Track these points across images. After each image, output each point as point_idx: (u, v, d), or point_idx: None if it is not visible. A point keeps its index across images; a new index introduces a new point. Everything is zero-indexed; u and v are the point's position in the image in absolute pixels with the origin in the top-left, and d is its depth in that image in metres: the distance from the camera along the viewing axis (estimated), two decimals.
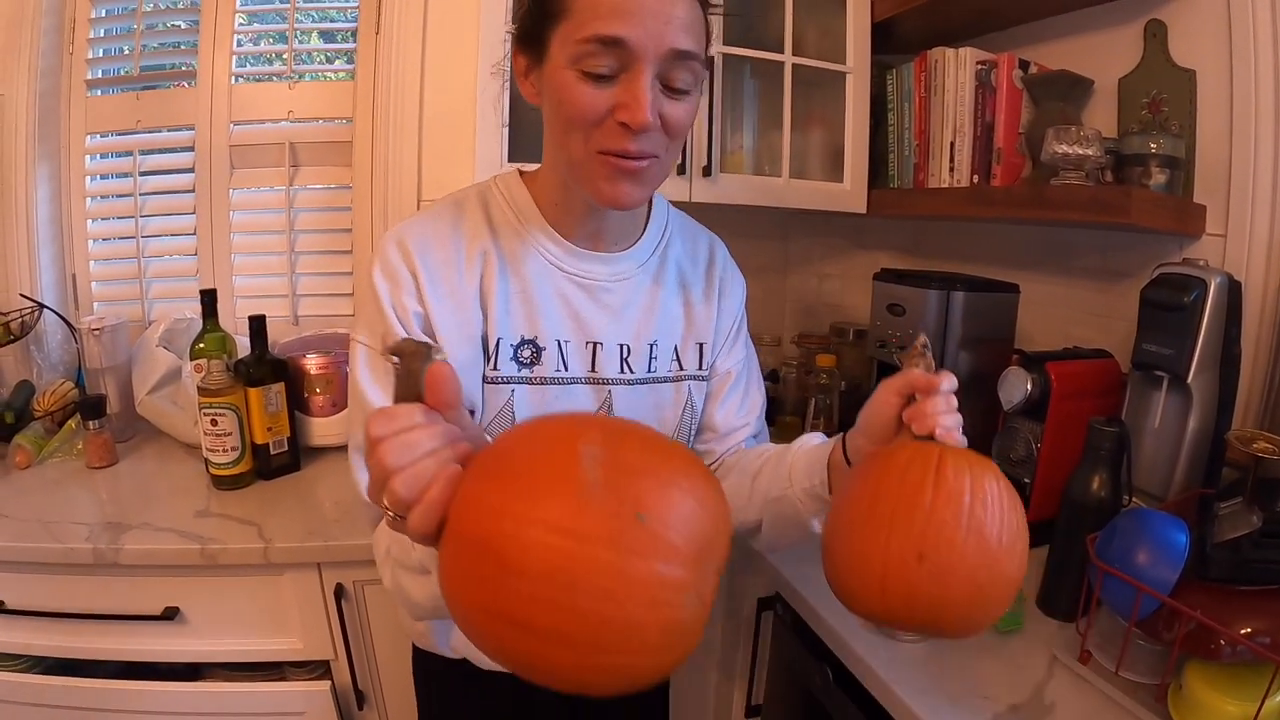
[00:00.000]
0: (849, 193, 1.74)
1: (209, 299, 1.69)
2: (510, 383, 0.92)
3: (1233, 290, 1.16)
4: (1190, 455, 1.19)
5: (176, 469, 1.66)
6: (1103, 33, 1.47)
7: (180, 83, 1.98)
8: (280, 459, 1.60)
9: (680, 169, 1.55)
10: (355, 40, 1.95)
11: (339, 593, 1.35)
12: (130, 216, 2.00)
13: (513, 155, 1.45)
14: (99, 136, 2.00)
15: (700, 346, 1.03)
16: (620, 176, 0.81)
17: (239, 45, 1.95)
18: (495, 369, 0.92)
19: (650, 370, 0.99)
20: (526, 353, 0.92)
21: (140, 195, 1.99)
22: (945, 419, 0.72)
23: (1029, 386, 1.26)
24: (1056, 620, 1.12)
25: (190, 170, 1.98)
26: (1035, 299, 1.49)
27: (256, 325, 1.56)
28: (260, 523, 1.38)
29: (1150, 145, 1.28)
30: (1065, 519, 1.14)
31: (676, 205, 1.09)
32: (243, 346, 1.76)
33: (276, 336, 1.76)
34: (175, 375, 1.76)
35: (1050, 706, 0.94)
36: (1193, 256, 1.24)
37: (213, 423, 1.49)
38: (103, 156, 2.02)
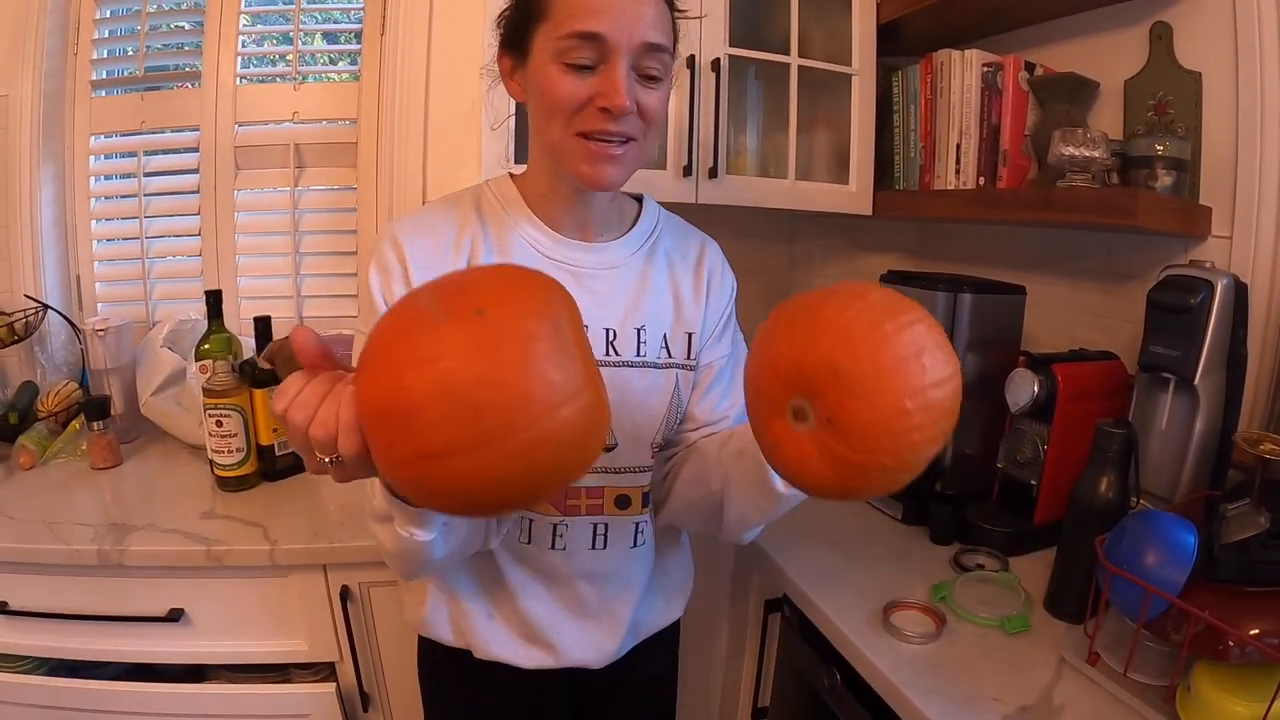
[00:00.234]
0: (854, 194, 1.74)
1: (214, 300, 1.69)
2: None
3: (1239, 292, 1.16)
4: (1197, 457, 1.19)
5: (181, 470, 1.66)
6: (1108, 35, 1.47)
7: (185, 83, 1.99)
8: (285, 460, 1.60)
9: (686, 170, 1.55)
10: (359, 41, 1.96)
11: (344, 594, 1.35)
12: (135, 217, 2.00)
13: (518, 156, 1.44)
14: (104, 137, 2.00)
15: (689, 336, 1.05)
16: (600, 160, 0.88)
17: (243, 46, 1.95)
18: None
19: (639, 354, 1.01)
20: None
21: (145, 196, 1.99)
22: None
23: (1036, 388, 1.26)
24: (1064, 622, 1.12)
25: (195, 171, 1.98)
26: (1040, 300, 1.49)
27: (262, 326, 1.56)
28: (265, 524, 1.39)
29: (1156, 147, 1.28)
30: (1073, 521, 1.14)
31: (683, 206, 1.10)
32: (248, 347, 1.76)
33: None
34: (180, 376, 1.77)
35: (1059, 708, 0.94)
36: (1199, 258, 1.25)
37: (218, 424, 1.49)
38: (107, 157, 2.02)
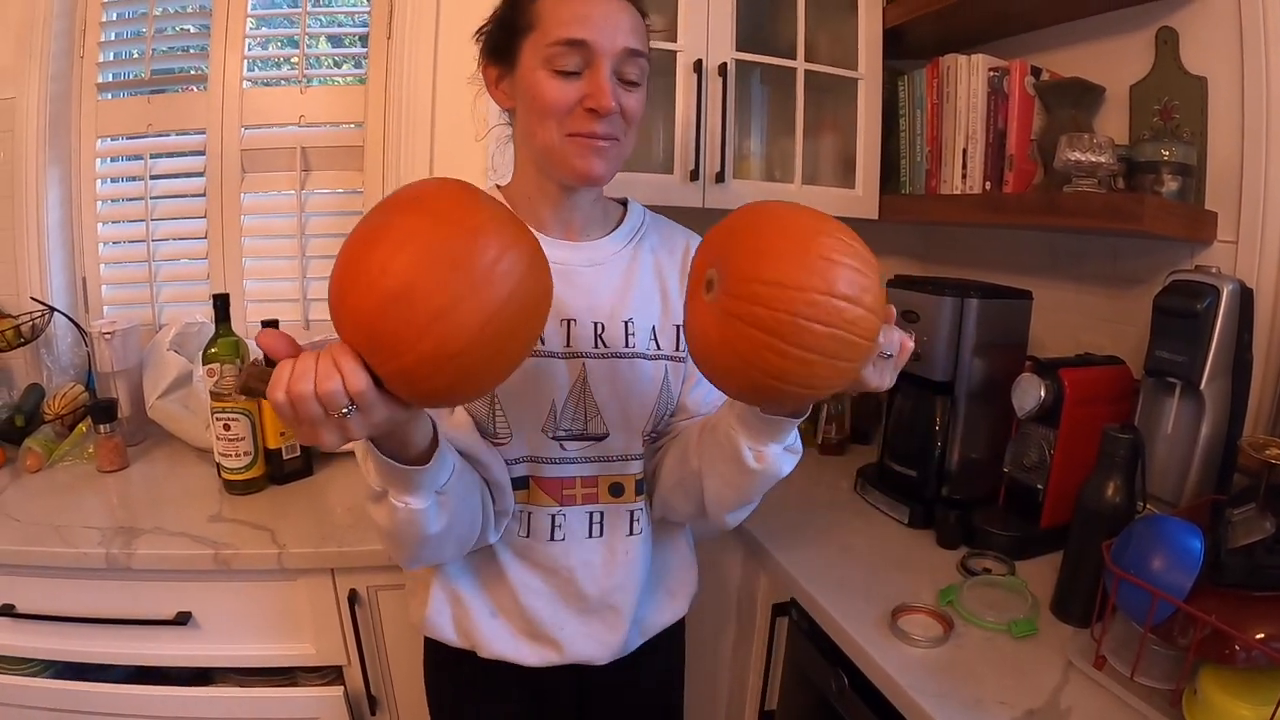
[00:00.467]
0: (861, 199, 1.74)
1: (221, 303, 1.69)
2: None
3: (1245, 297, 1.17)
4: (1203, 461, 1.20)
5: (188, 473, 1.66)
6: (1114, 39, 1.47)
7: (191, 86, 1.99)
8: (293, 464, 1.60)
9: (693, 174, 1.55)
10: (364, 44, 1.96)
11: (352, 598, 1.35)
12: (141, 220, 1.99)
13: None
14: (110, 140, 1.99)
15: (678, 329, 1.07)
16: (590, 153, 0.95)
17: (250, 49, 1.95)
18: None
19: (628, 345, 1.04)
20: None
21: (151, 199, 1.99)
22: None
23: (1042, 393, 1.26)
24: (1071, 626, 1.12)
25: (201, 174, 1.97)
26: (1046, 305, 1.50)
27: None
28: (273, 528, 1.39)
29: (1162, 152, 1.29)
30: (1079, 525, 1.15)
31: (689, 210, 1.11)
32: (254, 350, 1.76)
33: None
34: (186, 379, 1.76)
35: (1066, 711, 0.94)
36: (1204, 263, 1.25)
37: (225, 427, 1.49)
38: (113, 160, 2.01)
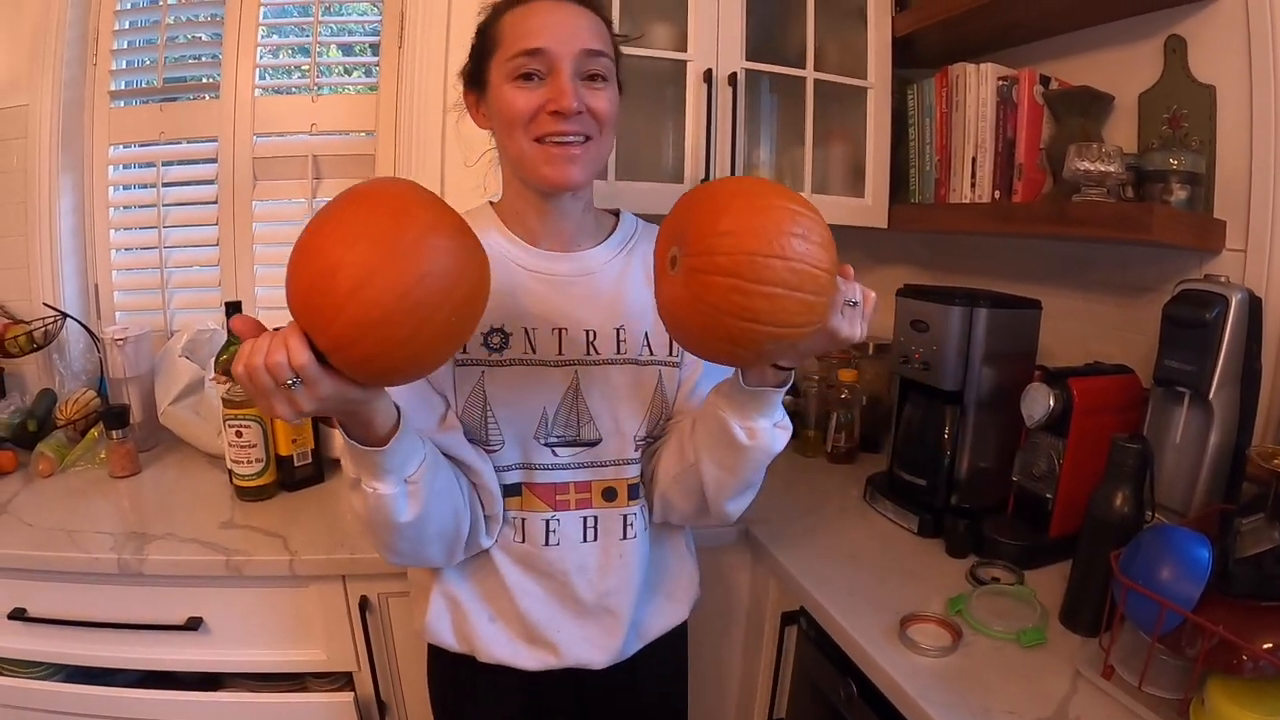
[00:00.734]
0: (870, 208, 1.75)
1: (233, 311, 1.67)
2: (479, 365, 1.01)
3: (1253, 306, 1.17)
4: (1211, 471, 1.20)
5: (199, 479, 1.67)
6: (1123, 48, 1.47)
7: (203, 94, 2.00)
8: (304, 471, 1.61)
9: (703, 184, 1.55)
10: (375, 53, 1.97)
11: (363, 605, 1.36)
12: (153, 227, 2.01)
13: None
14: (122, 147, 2.01)
15: None
16: (560, 160, 0.96)
17: (261, 58, 1.96)
18: (465, 352, 1.01)
19: (619, 352, 1.05)
20: (495, 339, 1.02)
21: (163, 206, 2.00)
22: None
23: (1051, 402, 1.26)
24: (1080, 635, 1.12)
25: (213, 182, 1.99)
26: (1055, 313, 1.49)
27: None
28: (285, 535, 1.39)
29: (1171, 161, 1.29)
30: (1088, 535, 1.14)
31: None
32: None
33: None
34: (198, 386, 1.78)
35: None
36: (1213, 272, 1.25)
37: (237, 434, 1.50)
38: (126, 167, 2.03)
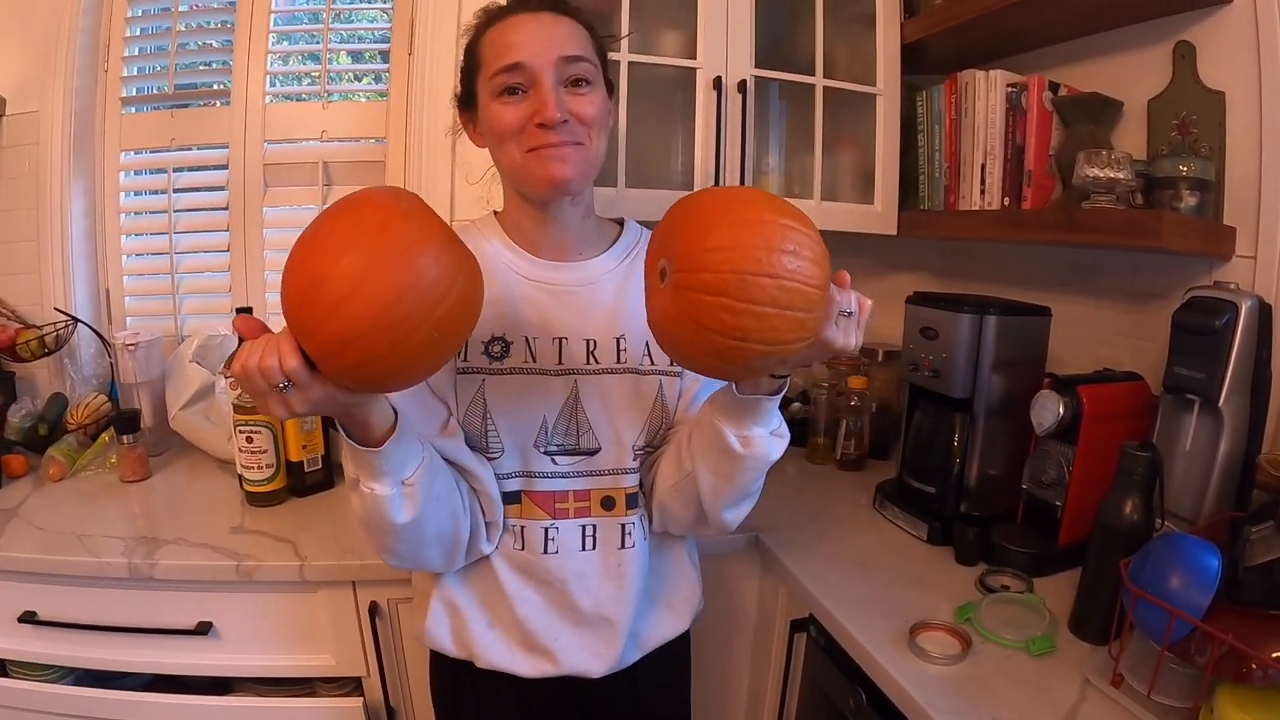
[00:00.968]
0: (879, 214, 1.75)
1: None
2: (480, 373, 1.03)
3: (1263, 313, 1.17)
4: (1221, 478, 1.19)
5: (209, 484, 1.68)
6: (1132, 54, 1.47)
7: (214, 101, 2.01)
8: (314, 476, 1.62)
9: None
10: (385, 60, 1.98)
11: (373, 611, 1.36)
12: (164, 233, 2.03)
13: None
14: (133, 153, 2.02)
15: None
16: (550, 162, 0.97)
17: (272, 65, 1.97)
18: (466, 360, 1.03)
19: (619, 361, 1.06)
20: (496, 348, 1.03)
21: (174, 212, 2.02)
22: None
23: (1061, 410, 1.26)
24: (1089, 643, 1.12)
25: (224, 188, 2.00)
26: (1064, 320, 1.49)
27: None
28: (295, 540, 1.40)
29: (1180, 168, 1.29)
30: (1098, 543, 1.14)
31: None
32: None
33: None
34: (208, 391, 1.79)
35: None
36: (1223, 279, 1.24)
37: (248, 440, 1.51)
38: (137, 173, 2.05)
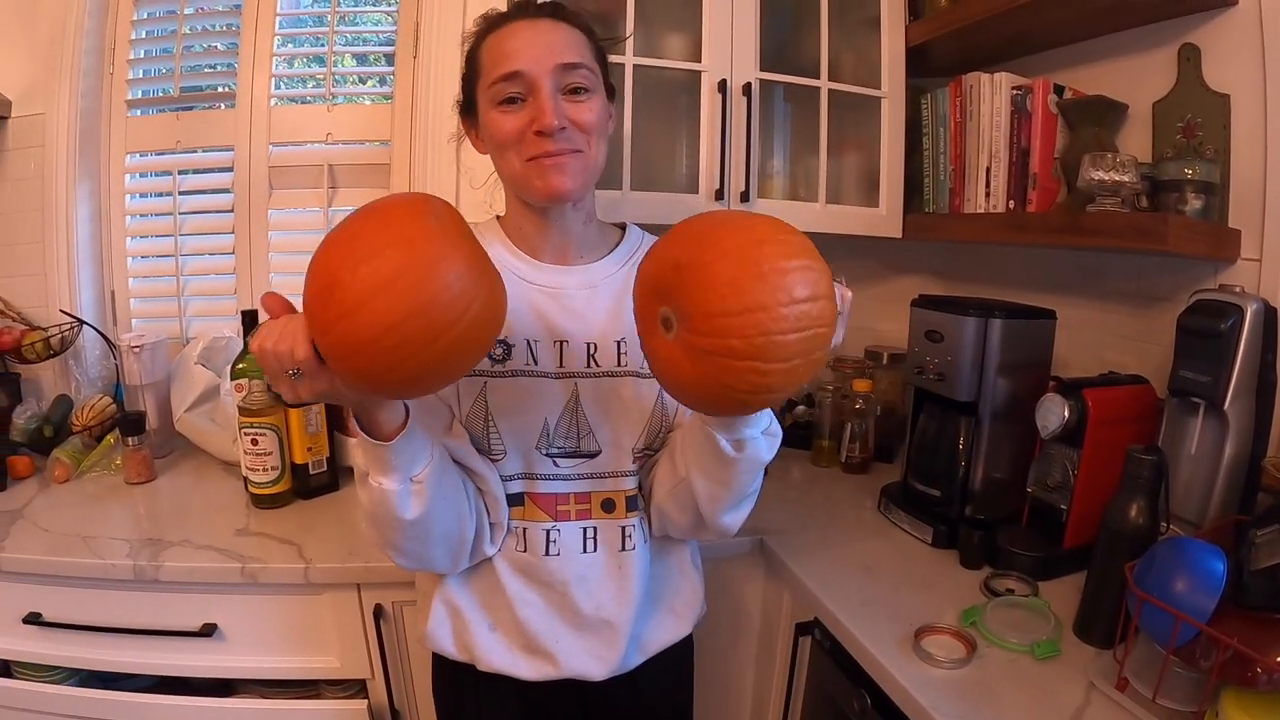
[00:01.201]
0: (884, 217, 1.75)
1: (250, 319, 1.70)
2: (482, 376, 1.03)
3: (1269, 316, 1.16)
4: (1226, 482, 1.19)
5: (214, 486, 1.68)
6: (1136, 56, 1.47)
7: (219, 104, 2.02)
8: (319, 479, 1.62)
9: (718, 194, 1.57)
10: (389, 63, 1.98)
11: (378, 613, 1.36)
12: (169, 235, 2.03)
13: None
14: (139, 156, 2.03)
15: None
16: (549, 172, 0.97)
17: (277, 67, 1.98)
18: None
19: (620, 364, 1.06)
20: (498, 350, 1.04)
21: (179, 214, 2.02)
22: None
23: (1066, 413, 1.26)
24: (1094, 647, 1.12)
25: (229, 190, 2.01)
26: (1069, 323, 1.49)
27: None
28: (300, 542, 1.40)
29: (1186, 171, 1.29)
30: (1103, 546, 1.14)
31: None
32: None
33: None
34: (213, 393, 1.79)
35: None
36: (1228, 282, 1.24)
37: (253, 442, 1.51)
38: (142, 176, 2.05)
